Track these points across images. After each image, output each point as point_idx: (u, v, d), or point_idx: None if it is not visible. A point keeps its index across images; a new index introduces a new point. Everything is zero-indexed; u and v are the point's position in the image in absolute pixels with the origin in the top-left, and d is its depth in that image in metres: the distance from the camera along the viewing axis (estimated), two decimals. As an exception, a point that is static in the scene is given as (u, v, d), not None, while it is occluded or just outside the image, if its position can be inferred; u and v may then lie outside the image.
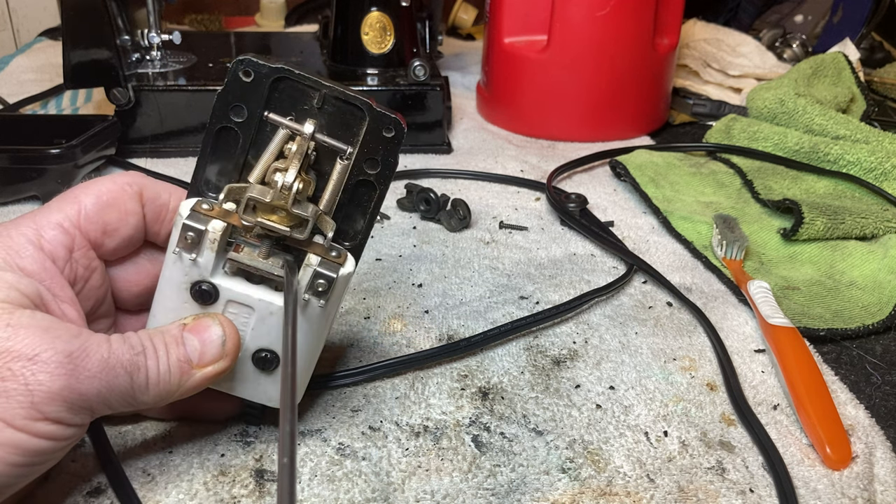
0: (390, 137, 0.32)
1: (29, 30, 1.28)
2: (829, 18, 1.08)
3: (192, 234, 0.30)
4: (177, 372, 0.29)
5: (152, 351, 0.28)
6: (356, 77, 0.75)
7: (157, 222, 0.33)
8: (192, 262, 0.30)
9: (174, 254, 0.30)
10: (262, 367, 0.32)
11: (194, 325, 0.30)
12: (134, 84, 0.68)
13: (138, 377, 0.28)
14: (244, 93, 0.31)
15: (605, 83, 0.77)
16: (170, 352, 0.29)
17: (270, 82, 0.32)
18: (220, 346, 0.30)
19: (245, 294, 0.31)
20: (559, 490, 0.33)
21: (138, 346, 0.28)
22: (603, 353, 0.43)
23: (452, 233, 0.57)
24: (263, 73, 0.32)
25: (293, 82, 0.32)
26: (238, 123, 0.31)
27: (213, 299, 0.31)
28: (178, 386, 0.29)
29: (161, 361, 0.28)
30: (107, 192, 0.31)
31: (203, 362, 0.30)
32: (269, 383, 0.33)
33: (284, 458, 0.23)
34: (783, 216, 0.60)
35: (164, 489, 0.32)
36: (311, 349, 0.33)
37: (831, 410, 0.37)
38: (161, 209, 0.33)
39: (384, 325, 0.45)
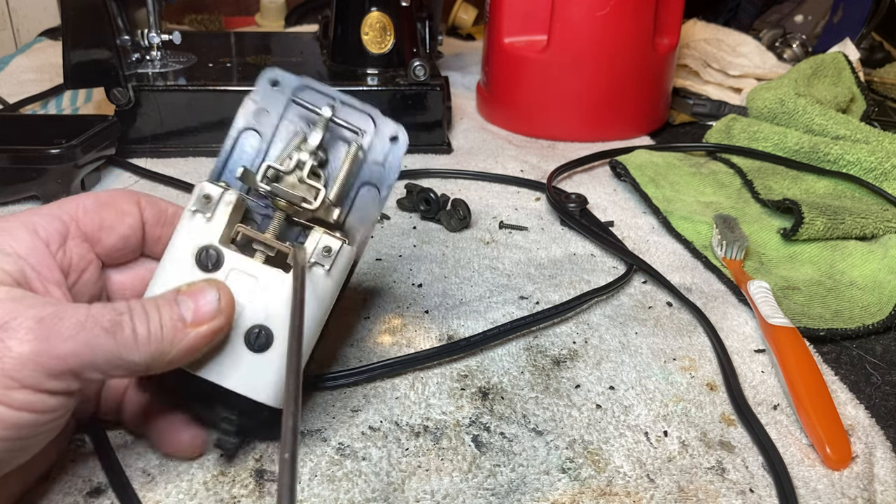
0: (395, 145, 0.36)
1: (29, 30, 1.28)
2: (829, 18, 1.08)
3: (209, 196, 0.32)
4: (170, 330, 0.28)
5: (140, 311, 0.28)
6: (356, 77, 0.75)
7: (157, 225, 0.33)
8: (206, 222, 0.32)
9: (190, 211, 0.32)
10: (254, 345, 0.31)
11: (189, 289, 0.30)
12: (134, 84, 0.68)
13: (122, 336, 0.27)
14: (269, 99, 0.35)
15: (605, 83, 0.77)
16: (162, 311, 0.29)
17: (293, 90, 0.36)
18: (216, 304, 0.30)
19: (249, 263, 0.32)
20: (559, 490, 0.33)
21: (122, 308, 0.28)
22: (603, 353, 0.43)
23: (452, 233, 0.57)
24: (289, 82, 0.36)
25: (313, 91, 0.36)
26: (260, 126, 0.35)
27: (217, 267, 0.31)
28: (172, 345, 0.29)
29: (152, 320, 0.28)
30: (106, 194, 0.33)
31: (197, 320, 0.29)
32: (260, 367, 0.31)
33: (286, 454, 0.23)
34: (783, 216, 0.60)
35: (164, 489, 0.32)
36: (313, 324, 0.33)
37: (831, 410, 0.37)
38: (161, 213, 0.34)
39: (384, 325, 0.45)
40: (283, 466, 0.23)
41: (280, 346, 0.31)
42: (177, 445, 0.33)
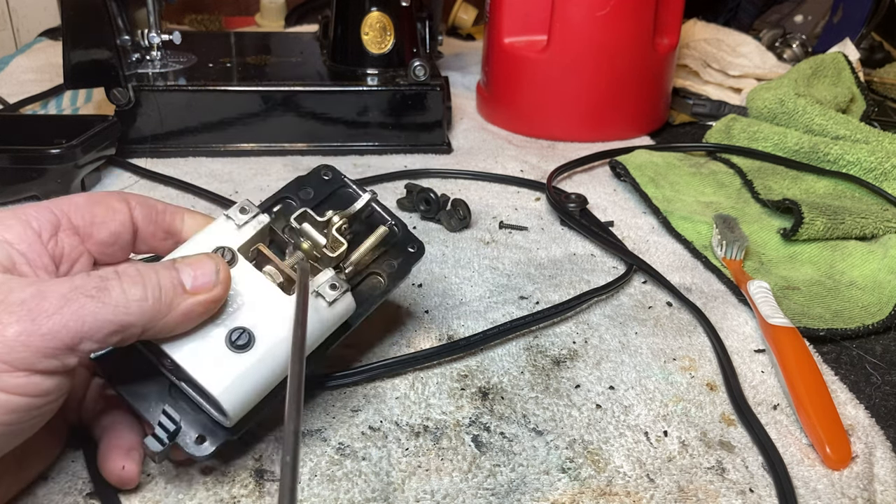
0: (412, 253, 0.40)
1: (29, 30, 1.28)
2: (829, 18, 1.08)
3: (245, 209, 0.35)
4: (168, 291, 0.29)
5: (134, 272, 0.28)
6: (356, 77, 0.75)
7: (149, 222, 0.34)
8: (235, 229, 0.34)
9: (225, 216, 0.34)
10: (233, 343, 0.31)
11: (187, 259, 0.31)
12: (134, 84, 0.68)
13: (110, 298, 0.27)
14: (316, 184, 0.40)
15: (605, 83, 0.77)
16: (160, 274, 0.29)
17: (336, 183, 0.40)
18: (214, 275, 0.30)
19: (256, 275, 0.33)
20: (559, 490, 0.33)
21: (108, 274, 0.27)
22: (603, 353, 0.43)
23: (452, 233, 0.57)
24: (336, 178, 0.40)
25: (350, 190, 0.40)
26: (300, 198, 0.39)
27: (229, 265, 0.33)
28: (170, 307, 0.29)
29: (149, 280, 0.28)
30: (97, 194, 0.33)
31: (197, 288, 0.30)
32: (230, 364, 0.31)
33: (287, 457, 0.23)
34: (783, 216, 0.60)
35: (163, 489, 0.32)
36: (286, 337, 0.33)
37: (831, 410, 0.37)
38: (151, 211, 0.34)
39: (384, 325, 0.45)
40: (285, 469, 0.23)
41: (257, 354, 0.31)
42: (109, 471, 0.31)
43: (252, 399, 0.32)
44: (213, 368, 0.30)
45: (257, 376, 0.31)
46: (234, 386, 0.30)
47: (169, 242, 0.35)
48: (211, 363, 0.30)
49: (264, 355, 0.32)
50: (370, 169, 0.69)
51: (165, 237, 0.35)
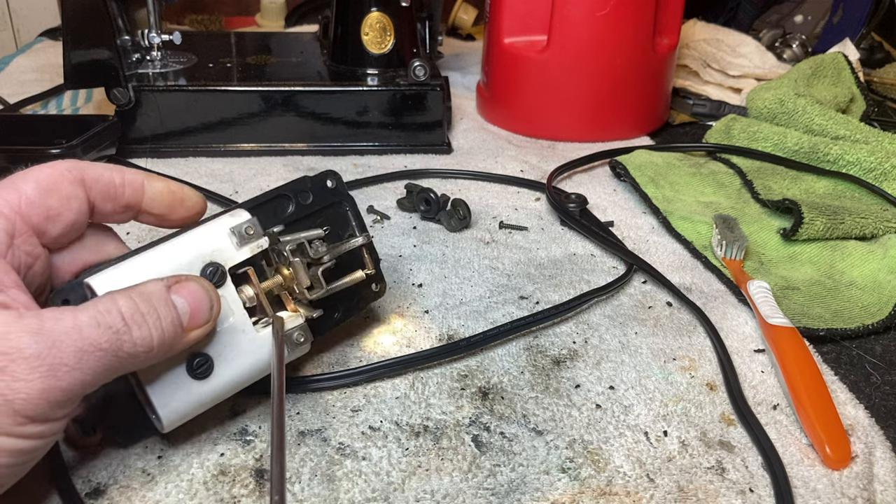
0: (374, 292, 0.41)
1: (29, 30, 1.28)
2: (829, 18, 1.08)
3: (251, 231, 0.34)
4: (170, 336, 0.28)
5: (139, 319, 0.27)
6: (356, 77, 0.75)
7: (107, 201, 0.32)
8: (235, 246, 0.33)
9: (228, 231, 0.33)
10: (194, 370, 0.32)
11: (178, 286, 0.30)
12: (134, 84, 0.68)
13: (123, 353, 0.27)
14: (318, 190, 0.39)
15: (605, 83, 0.77)
16: (161, 314, 0.28)
17: (339, 196, 0.39)
18: (209, 312, 0.30)
19: (237, 301, 0.33)
20: (559, 490, 0.33)
21: (117, 324, 0.27)
22: (603, 353, 0.43)
23: (452, 233, 0.58)
24: (340, 190, 0.40)
25: (347, 211, 0.40)
26: (297, 201, 0.38)
27: (215, 285, 0.32)
28: (171, 350, 0.29)
29: (154, 328, 0.28)
30: (46, 177, 0.30)
31: (192, 326, 0.29)
32: (186, 390, 0.32)
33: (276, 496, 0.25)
34: (783, 216, 0.60)
35: (164, 489, 0.32)
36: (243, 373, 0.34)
37: (831, 410, 0.37)
38: (108, 187, 0.32)
39: (384, 325, 0.45)
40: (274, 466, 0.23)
41: (212, 384, 0.32)
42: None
43: (191, 416, 0.33)
44: (167, 389, 0.31)
45: (205, 402, 0.33)
46: (181, 409, 0.32)
47: (127, 215, 0.33)
48: (167, 384, 0.31)
49: (218, 387, 0.33)
50: (370, 169, 0.69)
51: (124, 211, 0.33)
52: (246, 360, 0.33)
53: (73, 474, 0.33)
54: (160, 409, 0.31)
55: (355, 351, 0.42)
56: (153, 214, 0.34)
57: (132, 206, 0.33)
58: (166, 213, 0.34)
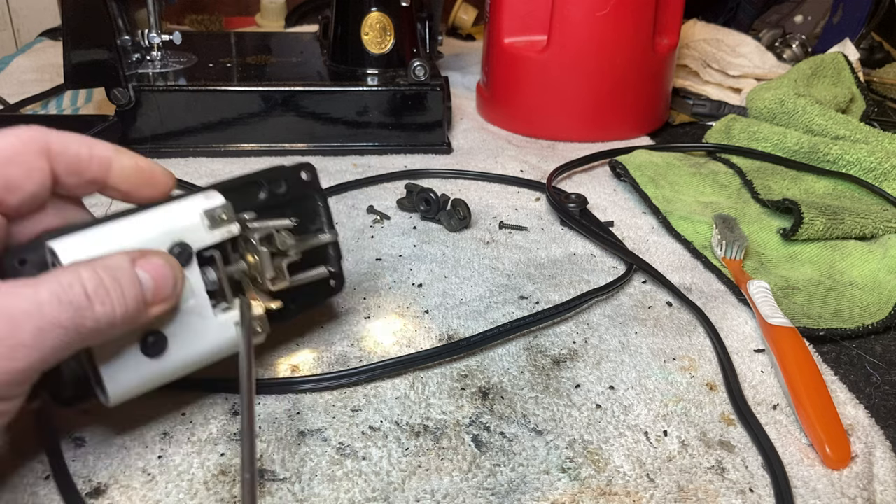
0: (330, 288, 0.41)
1: (29, 30, 1.28)
2: (829, 18, 1.08)
3: (224, 216, 0.33)
4: (133, 311, 0.28)
5: (103, 294, 0.26)
6: (356, 77, 0.75)
7: (71, 174, 0.31)
8: (206, 228, 0.32)
9: (201, 213, 0.32)
10: (147, 347, 0.31)
11: (143, 260, 0.29)
12: (134, 84, 0.68)
13: (86, 329, 0.26)
14: (292, 181, 0.38)
15: (605, 83, 0.77)
16: (125, 290, 0.27)
17: (312, 189, 0.40)
18: (172, 288, 0.29)
19: (199, 283, 0.32)
20: (559, 490, 0.33)
21: (80, 300, 0.26)
22: (603, 353, 0.43)
23: (452, 233, 0.58)
24: (314, 183, 0.40)
25: (319, 205, 0.40)
26: (270, 189, 0.37)
27: (182, 265, 0.32)
28: (132, 325, 0.28)
29: (117, 304, 0.27)
30: (9, 146, 0.29)
31: (155, 301, 0.29)
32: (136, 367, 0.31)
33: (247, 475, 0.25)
34: (783, 216, 0.60)
35: (164, 489, 0.32)
36: (193, 355, 0.33)
37: (831, 410, 0.37)
38: (74, 160, 0.31)
39: (384, 325, 0.45)
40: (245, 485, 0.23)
41: (164, 364, 0.32)
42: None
43: (137, 394, 0.32)
44: (117, 364, 0.30)
45: (154, 380, 0.32)
46: (128, 386, 0.31)
47: (92, 189, 0.32)
48: (117, 359, 0.30)
49: (170, 367, 0.32)
50: (370, 169, 0.69)
51: (89, 186, 0.32)
52: (201, 343, 0.33)
53: (74, 474, 0.33)
54: (108, 383, 0.30)
55: (355, 351, 0.42)
56: (119, 190, 0.33)
57: (98, 181, 0.32)
58: (133, 191, 0.33)
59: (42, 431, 0.35)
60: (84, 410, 0.36)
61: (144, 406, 0.37)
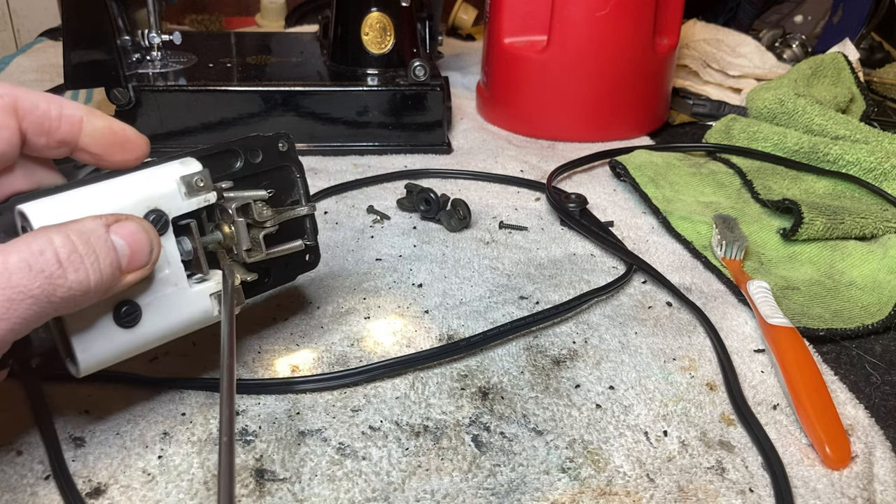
0: (306, 262, 0.41)
1: (29, 30, 1.28)
2: (829, 19, 1.08)
3: (201, 183, 0.32)
4: (108, 278, 0.27)
5: (77, 261, 0.25)
6: (356, 77, 0.75)
7: (40, 134, 0.30)
8: (183, 196, 0.32)
9: (178, 180, 0.32)
10: (120, 317, 0.30)
11: (118, 224, 0.28)
12: (134, 84, 0.68)
13: (57, 298, 0.25)
14: (269, 151, 0.38)
15: (605, 83, 0.77)
16: (100, 256, 0.26)
17: (289, 161, 0.39)
18: (148, 255, 0.28)
19: (175, 252, 0.32)
20: (559, 490, 0.33)
21: (52, 267, 0.25)
22: (603, 353, 0.43)
23: (452, 233, 0.58)
24: (291, 154, 0.39)
25: (296, 176, 0.39)
26: (246, 159, 0.37)
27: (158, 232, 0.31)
28: (107, 292, 0.27)
29: (91, 271, 0.26)
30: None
31: (130, 268, 0.28)
32: (108, 337, 0.30)
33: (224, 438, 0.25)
34: (783, 216, 0.60)
35: (164, 489, 0.32)
36: (165, 326, 0.32)
37: (831, 410, 0.37)
38: (43, 119, 0.30)
39: (384, 326, 0.45)
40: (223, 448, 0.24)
41: (137, 334, 0.31)
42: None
43: (108, 364, 0.31)
44: (89, 334, 0.29)
45: (127, 351, 0.31)
46: (100, 356, 0.30)
47: (62, 151, 0.31)
48: (89, 329, 0.29)
49: (143, 337, 0.31)
50: (370, 169, 0.69)
51: (59, 147, 0.31)
52: (176, 313, 0.32)
53: (74, 474, 0.33)
54: (79, 353, 0.29)
55: (355, 351, 0.42)
56: (90, 153, 0.32)
57: (68, 142, 0.31)
58: (105, 154, 0.32)
59: (42, 430, 0.35)
60: (84, 410, 0.36)
61: (144, 406, 0.37)
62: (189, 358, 0.41)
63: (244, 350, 0.42)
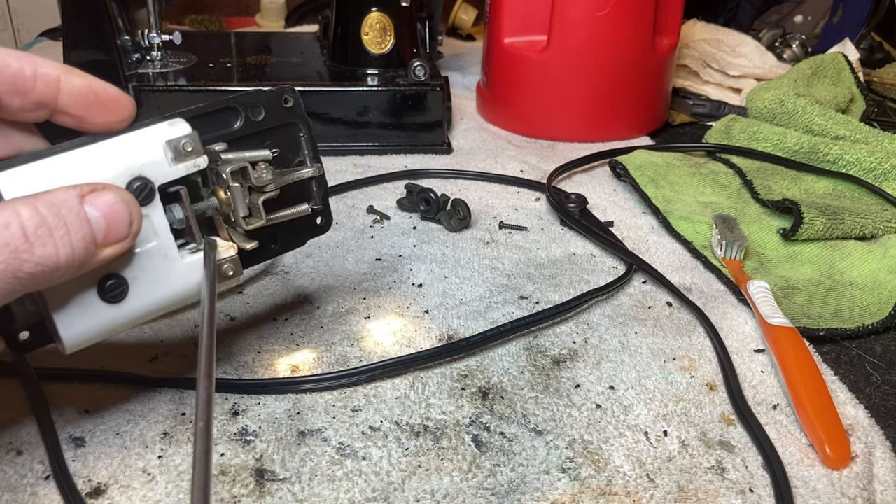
0: (317, 226, 0.39)
1: (29, 30, 1.28)
2: (829, 19, 1.08)
3: (189, 147, 0.30)
4: (81, 253, 0.25)
5: (45, 234, 0.24)
6: (356, 77, 0.75)
7: (14, 94, 0.28)
8: (169, 162, 0.30)
9: (163, 144, 0.30)
10: (105, 292, 0.29)
11: (94, 195, 0.26)
12: (134, 84, 0.68)
13: (23, 269, 0.23)
14: (273, 108, 0.35)
15: (605, 83, 0.77)
16: (71, 229, 0.25)
17: (294, 117, 0.36)
18: (127, 227, 0.27)
19: (163, 222, 0.30)
20: (559, 490, 0.33)
21: (17, 240, 0.23)
22: (603, 353, 0.43)
23: (452, 233, 0.58)
24: (297, 110, 0.36)
25: (303, 133, 0.37)
26: (246, 116, 0.34)
27: (142, 203, 0.29)
28: (80, 269, 0.26)
29: (61, 245, 0.24)
30: None
31: (108, 241, 0.26)
32: (93, 313, 0.29)
33: (200, 423, 0.24)
34: (783, 216, 0.60)
35: (164, 489, 0.32)
36: (153, 301, 0.31)
37: (831, 410, 0.37)
38: (15, 79, 0.28)
39: (384, 325, 0.45)
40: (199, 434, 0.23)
41: (124, 309, 0.29)
42: None
43: (96, 341, 0.30)
44: (72, 311, 0.28)
45: (114, 328, 0.30)
46: (85, 333, 0.29)
47: (41, 113, 0.29)
48: (73, 305, 0.28)
49: (131, 313, 0.30)
50: (370, 169, 0.69)
51: (36, 108, 0.29)
52: (166, 287, 0.30)
53: (74, 474, 0.33)
54: (62, 330, 0.28)
55: (355, 351, 0.42)
56: (70, 115, 0.30)
57: (45, 104, 0.29)
58: (85, 115, 0.30)
59: (42, 429, 0.35)
60: (84, 410, 0.36)
61: (144, 406, 0.37)
62: (189, 358, 0.41)
63: (244, 350, 0.42)
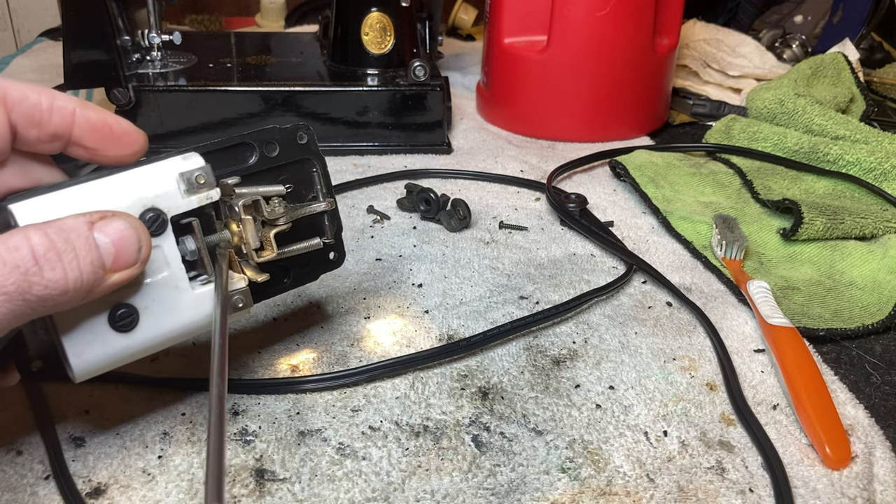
0: (330, 261, 0.39)
1: (29, 30, 1.28)
2: (829, 19, 1.08)
3: (202, 180, 0.31)
4: (89, 278, 0.25)
5: (54, 258, 0.24)
6: (356, 77, 0.75)
7: (30, 126, 0.29)
8: (182, 194, 0.30)
9: (176, 176, 0.30)
10: (115, 321, 0.29)
11: (103, 222, 0.26)
12: (134, 84, 0.68)
13: (31, 296, 0.24)
14: (287, 144, 0.36)
15: (605, 83, 0.77)
16: (80, 255, 0.25)
17: (308, 154, 0.37)
18: (136, 253, 0.27)
19: (175, 252, 0.30)
20: (559, 490, 0.33)
21: (26, 263, 0.24)
22: (603, 353, 0.43)
23: (452, 233, 0.58)
24: (311, 147, 0.37)
25: (315, 170, 0.38)
26: (261, 152, 0.35)
27: (153, 234, 0.29)
28: (89, 293, 0.26)
29: (69, 269, 0.25)
30: None
31: (116, 267, 0.26)
32: (104, 342, 0.29)
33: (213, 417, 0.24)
34: (783, 216, 0.60)
35: (164, 489, 0.32)
36: (166, 332, 0.31)
37: (831, 410, 0.37)
38: (33, 111, 0.29)
39: (384, 325, 0.45)
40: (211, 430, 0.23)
41: (134, 339, 0.30)
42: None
43: (107, 370, 0.30)
44: (82, 338, 0.28)
45: (124, 357, 0.30)
46: (95, 362, 0.29)
47: (56, 145, 0.30)
48: (83, 333, 0.28)
49: (141, 342, 0.30)
50: (370, 169, 0.69)
51: (51, 140, 0.30)
52: (176, 317, 0.31)
53: (74, 474, 0.33)
54: (73, 358, 0.28)
55: (355, 351, 0.42)
56: (84, 147, 0.31)
57: (60, 135, 0.30)
58: (99, 148, 0.31)
59: (42, 428, 0.35)
60: (84, 410, 0.36)
61: (144, 406, 0.37)
62: (189, 358, 0.41)
63: (244, 350, 0.42)
